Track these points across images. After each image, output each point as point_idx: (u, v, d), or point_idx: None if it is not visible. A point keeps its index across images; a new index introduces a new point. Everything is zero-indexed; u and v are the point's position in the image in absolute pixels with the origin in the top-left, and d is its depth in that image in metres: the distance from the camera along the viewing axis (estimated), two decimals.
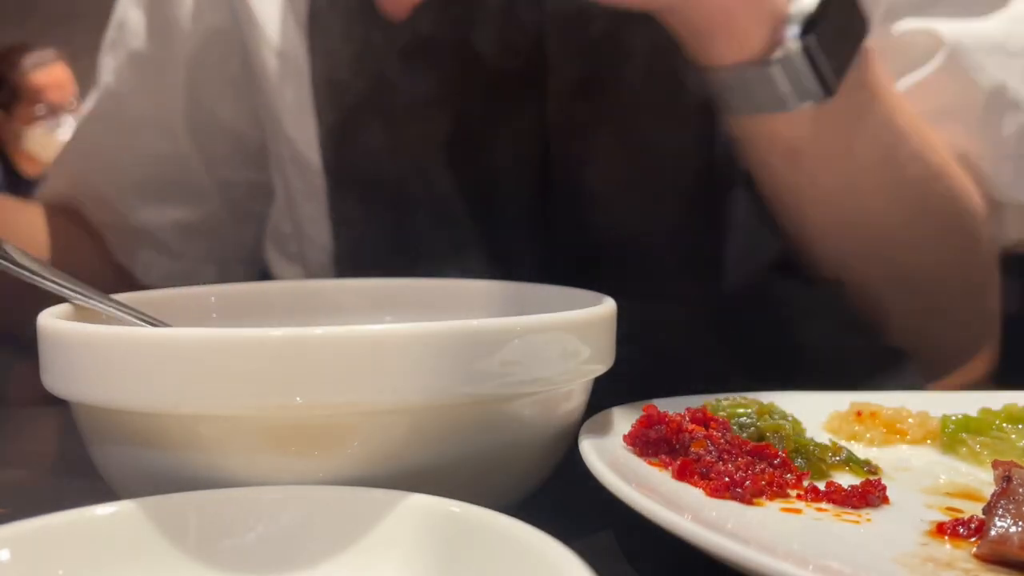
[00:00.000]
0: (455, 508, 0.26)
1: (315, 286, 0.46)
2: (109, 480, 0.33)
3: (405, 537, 0.26)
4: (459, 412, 0.30)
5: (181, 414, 0.28)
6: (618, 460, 0.33)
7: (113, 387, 0.29)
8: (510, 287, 0.44)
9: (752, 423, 0.36)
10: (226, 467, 0.29)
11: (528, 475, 0.34)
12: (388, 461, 0.30)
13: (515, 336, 0.30)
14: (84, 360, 0.29)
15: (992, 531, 0.27)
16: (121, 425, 0.30)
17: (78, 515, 0.26)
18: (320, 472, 0.29)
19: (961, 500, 0.32)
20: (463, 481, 0.31)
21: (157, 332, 0.29)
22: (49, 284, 0.35)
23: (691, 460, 0.33)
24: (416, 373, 0.28)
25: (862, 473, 0.35)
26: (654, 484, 0.31)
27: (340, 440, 0.29)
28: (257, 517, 0.27)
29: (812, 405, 0.42)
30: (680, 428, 0.35)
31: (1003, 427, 0.38)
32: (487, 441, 0.31)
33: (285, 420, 0.29)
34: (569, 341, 0.32)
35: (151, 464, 0.30)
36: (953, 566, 0.26)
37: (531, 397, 0.32)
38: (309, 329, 0.28)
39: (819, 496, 0.32)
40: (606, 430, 0.36)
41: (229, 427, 0.29)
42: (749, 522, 0.29)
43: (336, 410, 0.28)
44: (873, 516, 0.31)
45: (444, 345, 0.29)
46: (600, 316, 0.34)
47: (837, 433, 0.39)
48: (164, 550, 0.26)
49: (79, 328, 0.29)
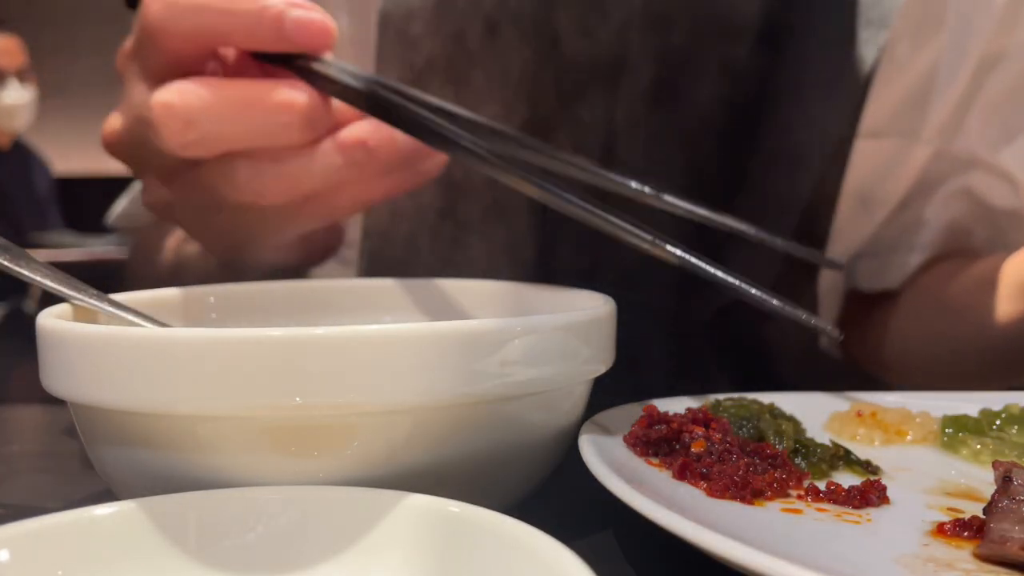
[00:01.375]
0: (455, 508, 0.26)
1: (315, 286, 0.46)
2: (108, 480, 0.33)
3: (405, 537, 0.26)
4: (459, 412, 0.30)
5: (180, 414, 0.28)
6: (618, 460, 0.33)
7: (112, 387, 0.28)
8: (510, 287, 0.44)
9: (752, 423, 0.36)
10: (226, 467, 0.29)
11: (528, 475, 0.34)
12: (388, 461, 0.30)
13: (515, 336, 0.30)
14: (83, 360, 0.29)
15: (993, 531, 0.27)
16: (120, 425, 0.30)
17: (77, 515, 0.26)
18: (320, 472, 0.29)
19: (962, 500, 0.32)
20: (463, 481, 0.31)
21: (156, 332, 0.29)
22: (48, 284, 0.35)
23: (691, 460, 0.33)
24: (416, 373, 0.28)
25: (863, 473, 0.35)
26: (654, 484, 0.31)
27: (340, 440, 0.29)
28: (257, 517, 0.27)
29: (812, 405, 0.42)
30: (680, 428, 0.35)
31: (1004, 427, 0.38)
32: (487, 441, 0.31)
33: (285, 420, 0.29)
34: (569, 341, 0.32)
35: (150, 464, 0.30)
36: (954, 566, 0.26)
37: (531, 397, 0.32)
38: (309, 329, 0.28)
39: (820, 496, 0.32)
40: (606, 430, 0.36)
41: (229, 427, 0.29)
42: (749, 522, 0.29)
43: (336, 410, 0.28)
44: (874, 516, 0.31)
45: (444, 345, 0.29)
46: (600, 316, 0.34)
47: (838, 433, 0.39)
48: (164, 550, 0.26)
49: (78, 328, 0.29)
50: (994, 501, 0.28)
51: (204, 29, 0.40)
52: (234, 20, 0.39)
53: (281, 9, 0.39)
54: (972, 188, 0.65)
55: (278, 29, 0.39)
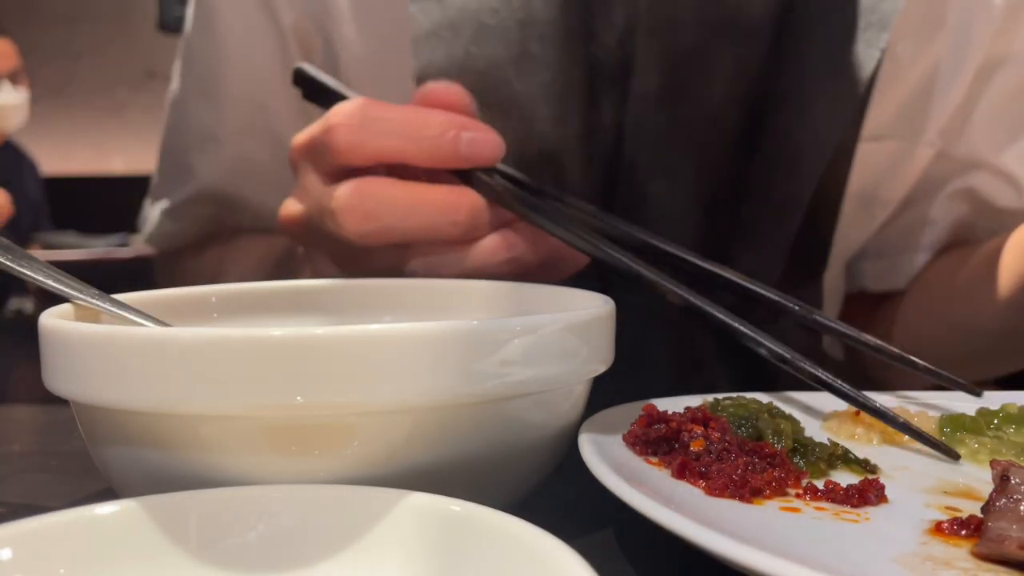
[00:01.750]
0: (456, 507, 0.26)
1: (315, 286, 0.46)
2: (110, 479, 0.33)
3: (406, 536, 0.26)
4: (459, 412, 0.30)
5: (182, 414, 0.29)
6: (617, 459, 0.33)
7: (114, 387, 0.29)
8: (510, 287, 0.44)
9: (751, 422, 0.36)
10: (227, 466, 0.29)
11: (528, 474, 0.34)
12: (388, 461, 0.30)
13: (515, 336, 0.30)
14: (85, 360, 0.29)
15: (991, 530, 0.27)
16: (122, 425, 0.30)
17: (79, 514, 0.26)
18: (321, 471, 0.29)
19: (960, 499, 0.32)
20: (463, 480, 0.31)
21: (158, 332, 0.29)
22: (50, 284, 0.35)
23: (690, 459, 0.33)
24: (416, 373, 0.28)
25: (861, 472, 0.35)
26: (653, 483, 0.32)
27: (341, 440, 0.29)
28: (258, 516, 0.27)
29: (811, 404, 0.42)
30: (679, 427, 0.35)
31: (1001, 426, 0.38)
32: (487, 440, 0.31)
33: (286, 420, 0.29)
34: (569, 341, 0.32)
35: (152, 463, 0.30)
36: (952, 565, 0.26)
37: (531, 397, 0.32)
38: (310, 329, 0.28)
39: (818, 495, 0.32)
40: (606, 429, 0.36)
41: (230, 427, 0.29)
42: (748, 521, 0.29)
43: (336, 410, 0.28)
44: (872, 515, 0.31)
45: (444, 345, 0.29)
46: (600, 316, 0.34)
47: (836, 432, 0.39)
48: (165, 549, 0.26)
49: (80, 328, 0.29)
50: (992, 500, 0.29)
51: (387, 153, 0.44)
52: (415, 146, 0.44)
53: (456, 134, 0.44)
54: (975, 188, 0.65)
55: (454, 152, 0.44)
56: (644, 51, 0.56)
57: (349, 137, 0.44)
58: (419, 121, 0.44)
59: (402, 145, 0.44)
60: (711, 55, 0.56)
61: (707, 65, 0.57)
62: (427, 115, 0.45)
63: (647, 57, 0.56)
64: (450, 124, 0.44)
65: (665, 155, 0.58)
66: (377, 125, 0.44)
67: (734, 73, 0.57)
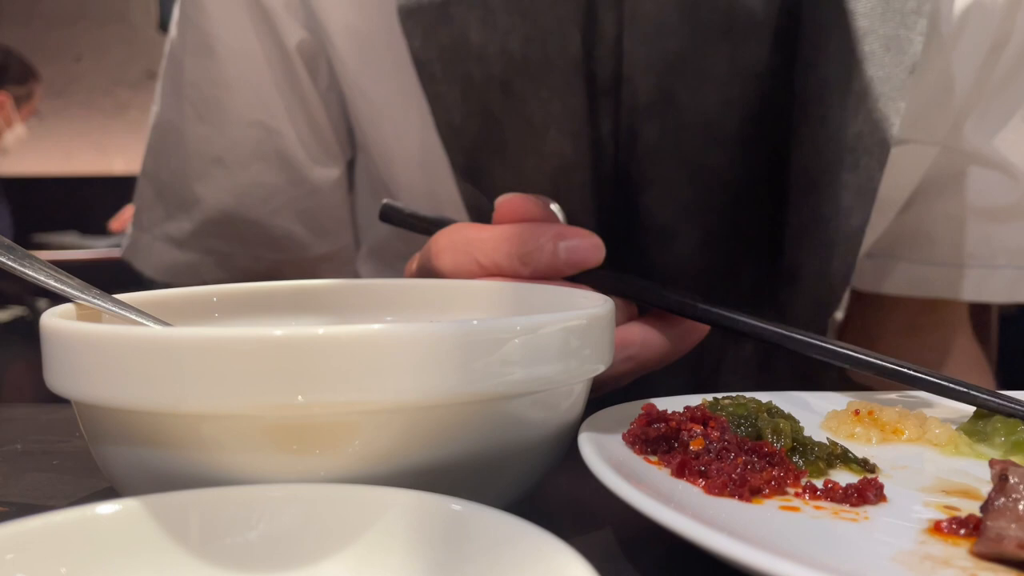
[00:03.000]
0: (456, 506, 0.26)
1: (315, 286, 0.46)
2: (111, 478, 0.33)
3: (406, 534, 0.27)
4: (459, 412, 0.30)
5: (183, 413, 0.29)
6: (617, 458, 0.33)
7: (115, 386, 0.29)
8: (510, 287, 0.44)
9: (750, 421, 0.36)
10: (228, 465, 0.29)
11: (528, 473, 0.34)
12: (389, 460, 0.30)
13: (515, 336, 0.30)
14: (86, 360, 0.29)
15: (990, 529, 0.27)
16: (123, 424, 0.30)
17: (81, 513, 0.26)
18: (321, 470, 0.30)
19: (959, 498, 0.32)
20: (463, 479, 0.31)
21: (159, 332, 0.29)
22: (51, 284, 0.36)
23: (689, 458, 0.33)
24: (416, 373, 0.29)
25: (860, 471, 0.35)
26: (653, 482, 0.32)
27: (341, 439, 0.29)
28: (259, 515, 0.27)
29: (810, 404, 0.42)
30: (679, 426, 0.35)
31: (999, 426, 0.38)
32: (487, 440, 0.31)
33: (286, 419, 0.29)
34: (569, 340, 0.32)
35: (153, 462, 0.30)
36: (951, 564, 0.27)
37: (531, 396, 0.32)
38: (310, 329, 0.28)
39: (817, 494, 0.32)
40: (605, 428, 0.36)
41: (231, 426, 0.29)
42: (747, 520, 0.30)
43: (337, 409, 0.29)
44: (871, 514, 0.31)
45: (444, 345, 0.29)
46: (600, 316, 0.34)
47: (835, 432, 0.39)
48: (166, 548, 0.27)
49: (81, 328, 0.30)
50: (991, 499, 0.29)
51: (488, 270, 0.46)
52: (518, 262, 0.45)
53: (554, 245, 0.45)
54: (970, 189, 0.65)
55: (554, 262, 0.45)
56: (631, 58, 0.55)
57: (456, 259, 0.46)
58: (516, 238, 0.45)
59: (506, 263, 0.45)
60: (704, 58, 0.56)
61: (699, 68, 0.56)
62: (522, 230, 0.45)
63: (635, 64, 0.55)
64: (545, 235, 0.45)
65: (655, 167, 0.57)
66: (477, 246, 0.45)
67: (729, 75, 0.56)
